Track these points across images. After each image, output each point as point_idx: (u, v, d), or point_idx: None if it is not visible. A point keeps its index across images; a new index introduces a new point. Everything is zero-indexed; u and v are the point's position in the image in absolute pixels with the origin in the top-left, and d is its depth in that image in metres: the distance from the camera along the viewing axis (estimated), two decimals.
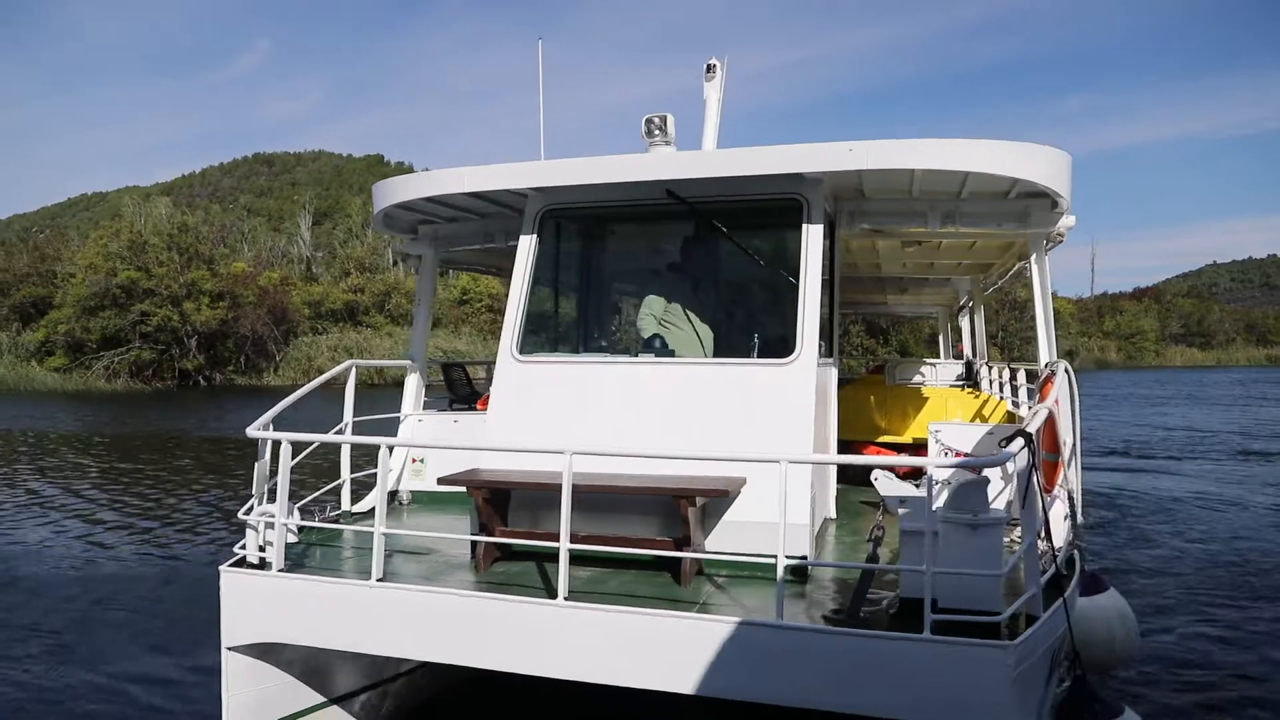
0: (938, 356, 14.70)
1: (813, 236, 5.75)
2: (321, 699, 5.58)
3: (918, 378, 11.71)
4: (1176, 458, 20.60)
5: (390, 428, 7.37)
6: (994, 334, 69.42)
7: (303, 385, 6.54)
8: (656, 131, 6.10)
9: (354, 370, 6.69)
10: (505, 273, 9.55)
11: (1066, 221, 6.26)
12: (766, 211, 6.03)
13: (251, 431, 5.37)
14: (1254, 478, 17.38)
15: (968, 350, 13.51)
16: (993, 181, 5.67)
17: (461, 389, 9.32)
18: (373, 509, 6.05)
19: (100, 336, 51.79)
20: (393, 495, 7.27)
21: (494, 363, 6.47)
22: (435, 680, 6.40)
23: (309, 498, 6.18)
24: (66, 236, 72.24)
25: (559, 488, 4.59)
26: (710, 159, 5.91)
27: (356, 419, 6.91)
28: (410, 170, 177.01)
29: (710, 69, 7.14)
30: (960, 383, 11.35)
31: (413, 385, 7.82)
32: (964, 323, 13.85)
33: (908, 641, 3.98)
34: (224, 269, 57.70)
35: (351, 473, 6.77)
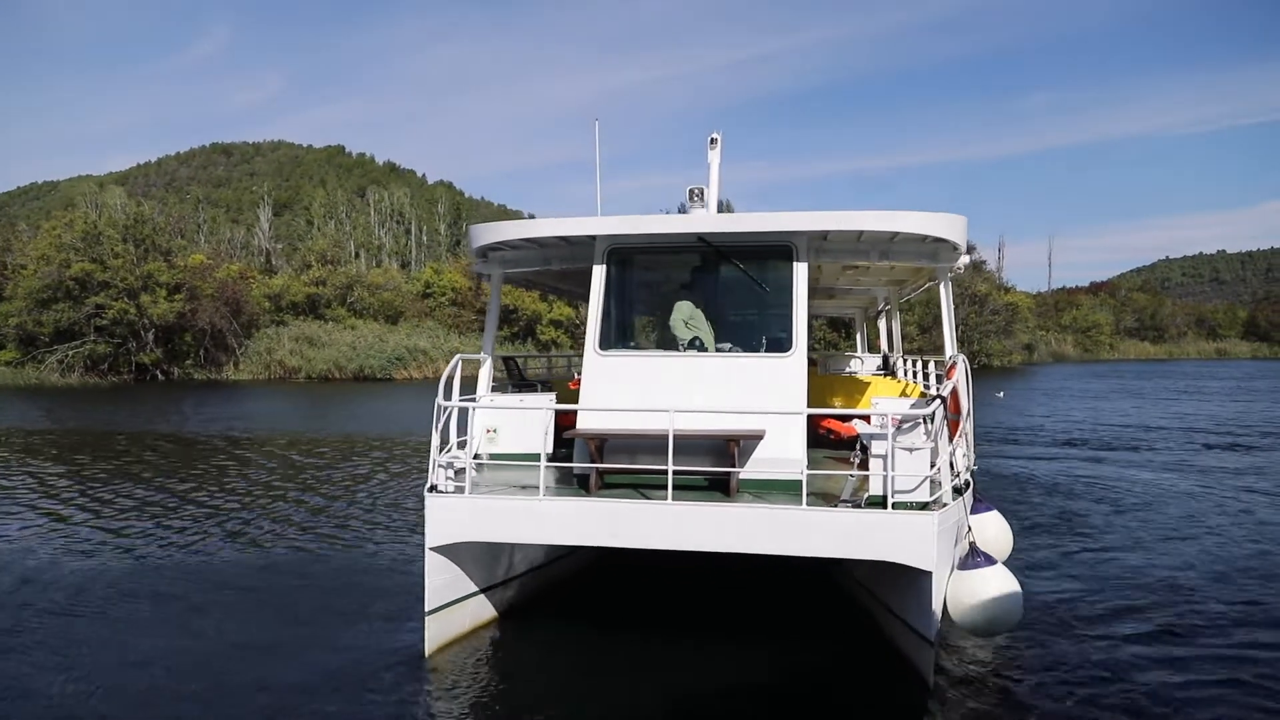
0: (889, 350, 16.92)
1: (800, 270, 8.51)
2: (475, 588, 8.07)
3: (848, 369, 14.62)
4: (1133, 449, 21.11)
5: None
6: (955, 327, 70.36)
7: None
8: (696, 198, 8.97)
9: (459, 360, 8.38)
10: (554, 290, 13.10)
11: (964, 260, 9.12)
12: (769, 252, 8.67)
13: (439, 401, 7.83)
14: (1191, 465, 17.89)
15: (884, 346, 16.20)
16: (915, 235, 8.43)
17: (516, 376, 11.84)
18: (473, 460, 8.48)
19: (53, 329, 50.67)
20: (475, 457, 8.90)
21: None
22: (545, 579, 9.20)
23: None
24: (16, 227, 70.52)
25: (642, 437, 7.79)
26: (733, 220, 8.66)
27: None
28: (372, 161, 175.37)
29: (713, 141, 10.08)
30: (881, 372, 13.98)
31: (485, 374, 9.74)
32: (881, 324, 16.71)
33: (879, 515, 6.81)
34: (181, 261, 56.56)
35: (445, 441, 8.37)
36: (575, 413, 8.54)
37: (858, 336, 19.39)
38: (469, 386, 8.99)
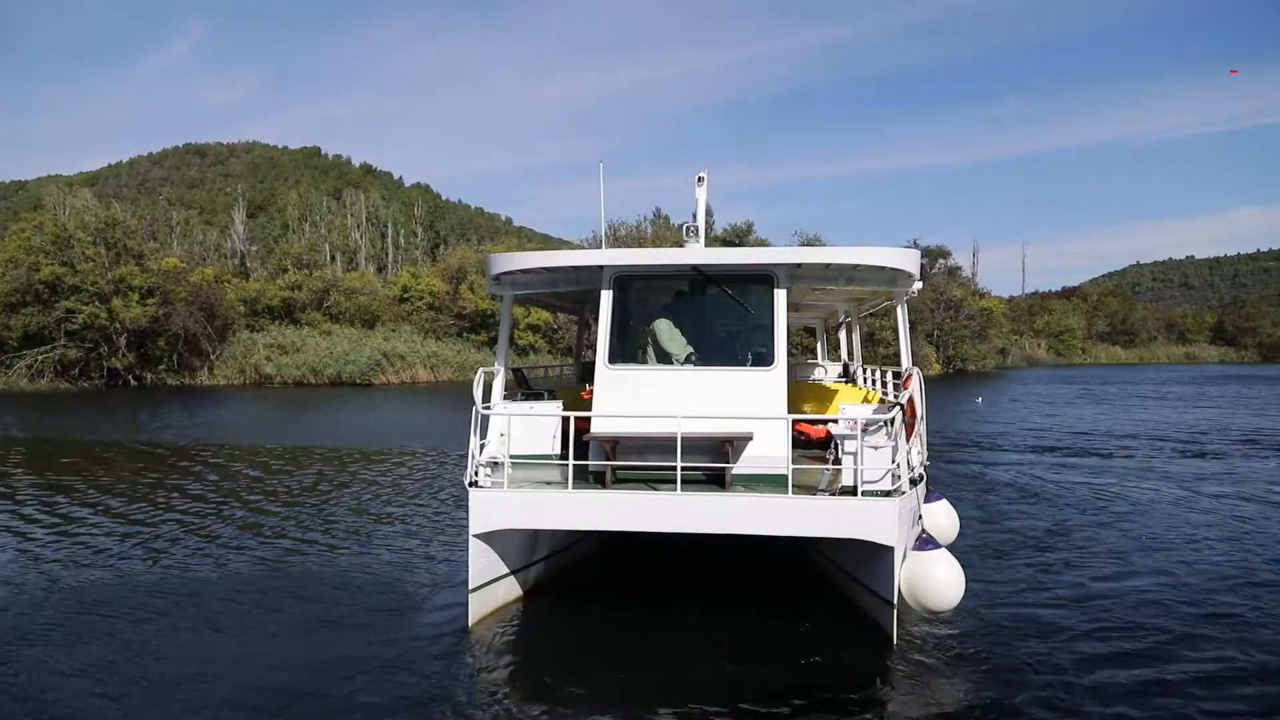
0: (863, 356, 18.08)
1: (779, 295, 9.82)
2: (507, 569, 9.26)
3: (813, 376, 15.91)
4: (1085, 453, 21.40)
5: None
6: (930, 332, 70.95)
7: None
8: (692, 233, 10.50)
9: (483, 373, 9.68)
10: (551, 306, 15.10)
11: (916, 286, 10.36)
12: (753, 279, 9.99)
13: (480, 410, 9.07)
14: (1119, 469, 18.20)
15: (844, 356, 17.79)
16: (875, 266, 9.85)
17: (523, 385, 13.04)
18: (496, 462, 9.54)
19: (22, 334, 49.90)
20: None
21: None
22: (563, 562, 10.47)
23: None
24: None
25: (650, 439, 9.03)
26: (722, 253, 10.27)
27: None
28: (348, 163, 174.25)
29: (700, 180, 11.60)
30: (842, 379, 15.40)
31: (499, 383, 10.72)
32: (842, 335, 18.35)
33: (851, 500, 8.25)
34: (154, 264, 55.85)
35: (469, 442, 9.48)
36: (590, 418, 9.68)
37: (819, 346, 20.97)
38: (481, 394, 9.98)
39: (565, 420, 9.80)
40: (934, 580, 8.17)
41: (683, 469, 8.51)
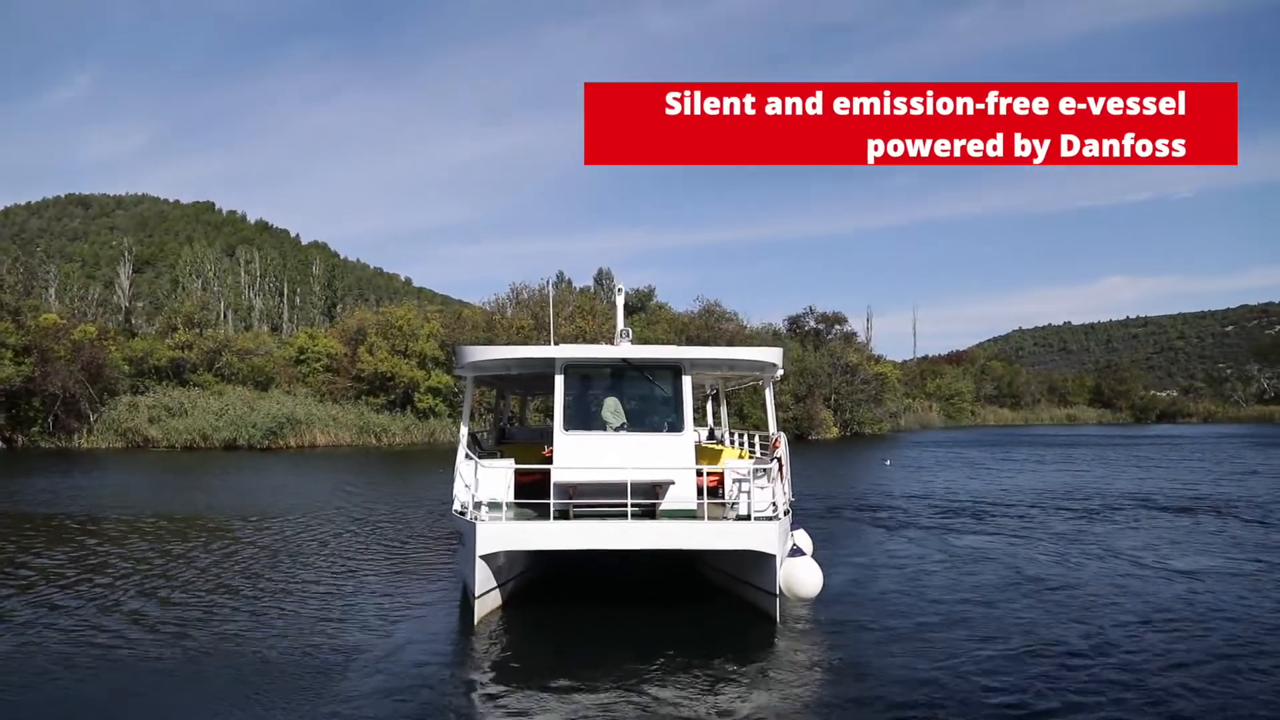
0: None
1: (685, 380, 13.36)
2: (495, 583, 11.79)
3: None
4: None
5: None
6: (828, 396, 72.80)
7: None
8: (623, 336, 14.61)
9: (460, 436, 13.12)
10: (501, 384, 18.43)
11: (779, 373, 14.03)
12: (666, 369, 13.56)
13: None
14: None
15: (711, 422, 21.50)
16: (751, 360, 14.22)
17: (478, 446, 15.41)
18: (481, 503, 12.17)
19: None
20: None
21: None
22: (531, 578, 13.30)
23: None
24: None
25: (601, 485, 11.90)
26: (645, 350, 13.93)
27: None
28: (243, 219, 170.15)
29: (619, 290, 16.37)
30: (712, 441, 18.50)
31: (463, 444, 13.06)
32: (709, 406, 22.38)
33: (745, 523, 11.70)
34: (31, 321, 52.87)
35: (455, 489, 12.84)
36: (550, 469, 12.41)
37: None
38: (449, 452, 12.59)
39: (532, 471, 12.73)
40: (802, 577, 12.11)
41: (623, 505, 11.46)
